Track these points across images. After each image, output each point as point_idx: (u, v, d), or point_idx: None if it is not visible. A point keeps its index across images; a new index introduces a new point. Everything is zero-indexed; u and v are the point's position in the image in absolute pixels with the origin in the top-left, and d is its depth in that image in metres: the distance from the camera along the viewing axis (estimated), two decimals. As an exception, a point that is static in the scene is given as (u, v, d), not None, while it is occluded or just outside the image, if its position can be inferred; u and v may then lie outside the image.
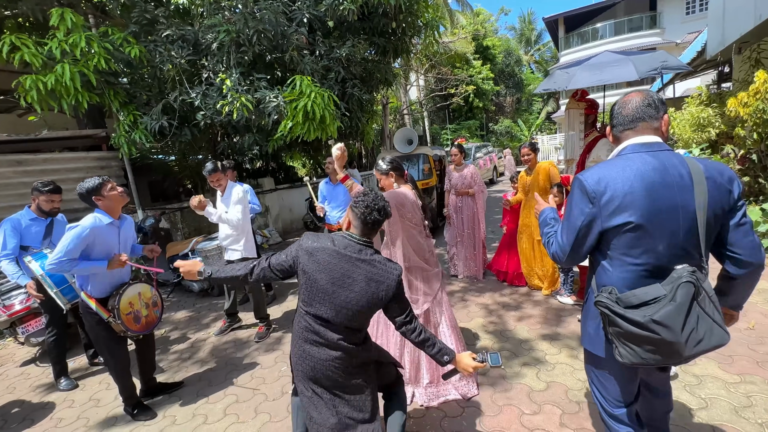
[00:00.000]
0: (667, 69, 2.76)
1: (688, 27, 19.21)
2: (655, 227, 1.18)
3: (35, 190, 2.98)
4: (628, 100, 1.33)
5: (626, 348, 1.19)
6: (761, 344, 2.57)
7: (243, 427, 2.37)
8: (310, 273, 1.52)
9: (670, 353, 1.15)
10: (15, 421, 2.72)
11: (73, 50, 4.76)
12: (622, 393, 1.38)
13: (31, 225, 3.01)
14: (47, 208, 3.02)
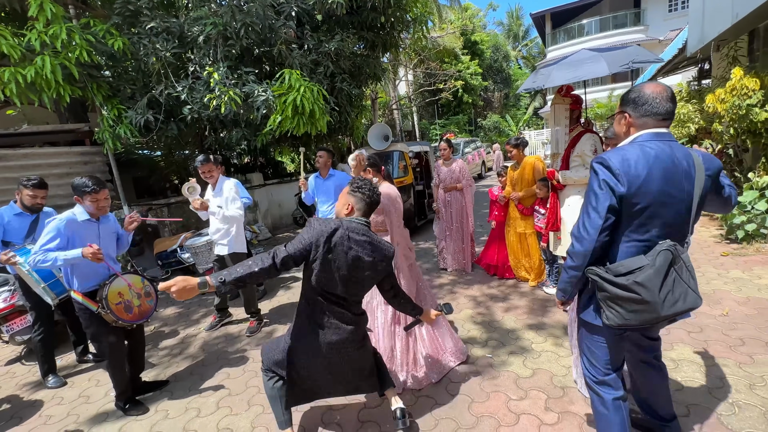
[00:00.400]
0: (637, 63, 2.85)
1: (671, 24, 19.59)
2: (664, 209, 1.33)
3: (20, 184, 2.93)
4: (657, 92, 1.40)
5: (612, 310, 1.36)
6: (734, 330, 2.70)
7: (236, 419, 2.39)
8: (329, 256, 1.65)
9: (649, 312, 1.30)
10: (2, 419, 2.69)
11: (54, 42, 4.64)
12: (610, 358, 1.53)
13: (14, 220, 2.94)
14: (29, 203, 2.96)
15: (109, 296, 2.33)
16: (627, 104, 1.46)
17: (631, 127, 1.46)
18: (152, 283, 2.65)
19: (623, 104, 1.49)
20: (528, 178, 3.83)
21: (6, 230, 2.90)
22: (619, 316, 1.34)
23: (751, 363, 2.32)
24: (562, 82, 2.92)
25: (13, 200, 3.01)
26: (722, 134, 4.79)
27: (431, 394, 2.40)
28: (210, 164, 3.44)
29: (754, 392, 2.08)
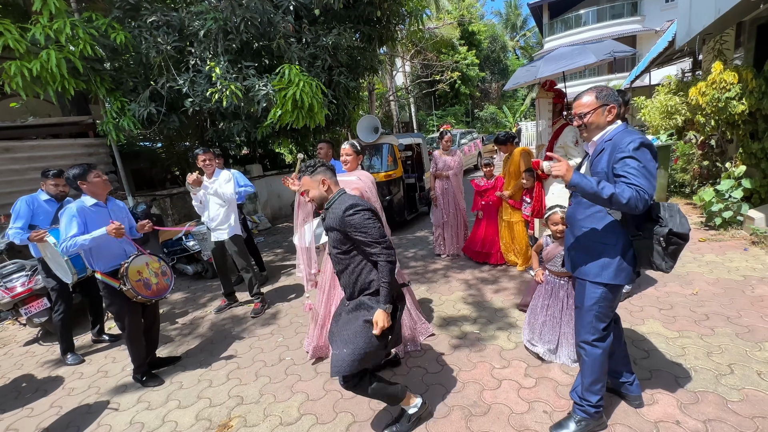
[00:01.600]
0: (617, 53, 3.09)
1: (668, 15, 19.59)
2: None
3: (42, 176, 3.17)
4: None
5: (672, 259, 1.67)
6: (701, 307, 2.94)
7: (245, 388, 2.62)
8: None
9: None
10: (28, 392, 2.92)
11: (58, 36, 4.76)
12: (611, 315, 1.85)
13: (43, 204, 3.18)
14: (54, 192, 3.21)
15: (129, 273, 2.54)
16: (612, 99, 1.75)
17: (615, 117, 1.76)
18: (167, 263, 2.87)
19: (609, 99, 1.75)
20: (515, 168, 4.04)
21: (34, 214, 3.13)
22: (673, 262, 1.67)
23: (711, 335, 2.57)
24: (551, 73, 3.12)
25: (40, 189, 3.24)
26: (704, 126, 5.00)
27: (422, 364, 2.64)
28: (210, 153, 3.65)
29: (711, 359, 2.33)
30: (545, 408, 2.10)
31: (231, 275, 4.14)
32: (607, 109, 1.75)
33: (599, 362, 1.83)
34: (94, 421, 2.47)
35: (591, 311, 1.82)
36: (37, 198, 3.18)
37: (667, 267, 1.68)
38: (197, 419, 2.36)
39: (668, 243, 1.63)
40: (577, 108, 1.82)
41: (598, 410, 1.86)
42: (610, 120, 1.76)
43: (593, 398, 1.85)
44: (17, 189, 5.00)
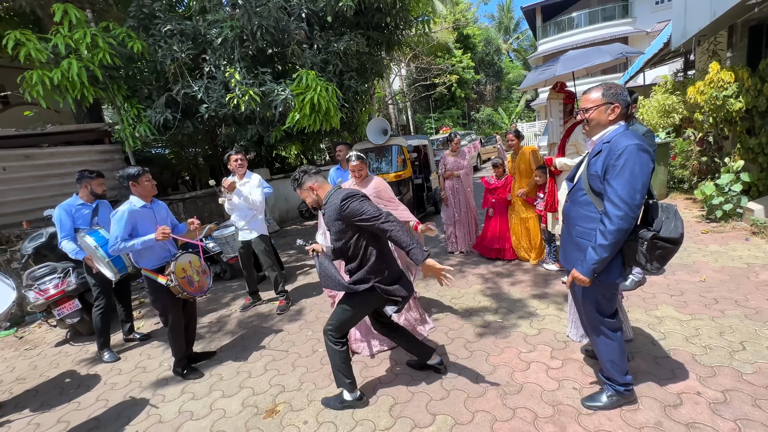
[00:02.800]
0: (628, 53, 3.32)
1: (658, 16, 20.10)
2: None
3: (85, 178, 3.34)
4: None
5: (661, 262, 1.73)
6: (709, 292, 3.12)
7: (284, 378, 2.76)
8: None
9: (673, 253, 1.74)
10: (71, 388, 3.03)
11: (78, 45, 4.89)
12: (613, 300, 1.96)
13: (80, 209, 3.36)
14: (100, 191, 3.44)
15: (175, 271, 2.67)
16: (618, 98, 1.77)
17: (618, 117, 1.78)
18: (207, 263, 3.01)
19: (614, 98, 1.77)
20: (525, 167, 4.22)
21: (74, 218, 3.31)
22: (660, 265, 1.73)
23: (722, 317, 2.75)
24: (568, 71, 3.32)
25: (75, 193, 3.42)
26: (702, 123, 5.22)
27: (452, 350, 2.79)
28: (242, 154, 3.81)
29: (723, 337, 2.50)
30: (574, 385, 2.25)
31: (255, 274, 4.27)
32: (610, 108, 1.77)
33: (613, 349, 1.95)
34: (142, 411, 2.59)
35: (590, 304, 1.93)
36: (72, 204, 3.35)
37: (652, 269, 1.73)
38: (244, 406, 2.49)
39: (653, 247, 1.69)
40: (583, 102, 1.87)
41: (627, 388, 1.99)
42: (612, 119, 1.78)
43: (620, 379, 1.98)
44: (38, 195, 5.11)
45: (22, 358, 3.74)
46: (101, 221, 3.38)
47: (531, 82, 3.80)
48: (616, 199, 1.66)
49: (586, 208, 1.85)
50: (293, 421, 2.29)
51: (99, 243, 3.13)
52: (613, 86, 1.81)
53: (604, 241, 1.68)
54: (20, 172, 4.99)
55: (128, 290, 3.77)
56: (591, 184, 1.82)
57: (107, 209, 3.51)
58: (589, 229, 1.83)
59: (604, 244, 1.69)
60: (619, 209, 1.65)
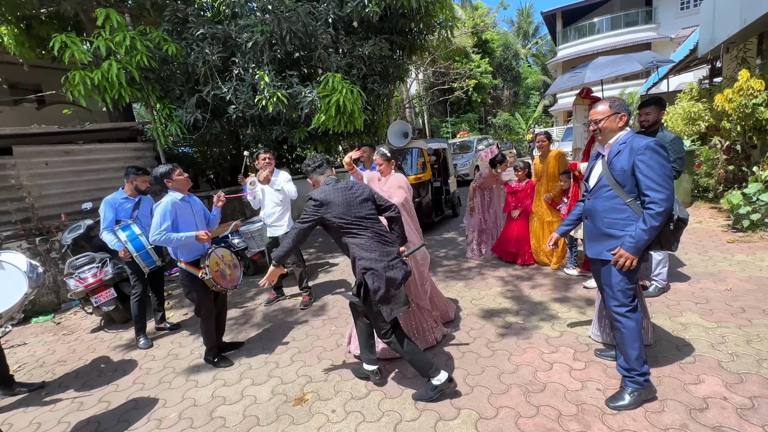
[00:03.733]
0: (659, 62, 3.35)
1: (683, 22, 19.69)
2: None
3: (131, 174, 3.57)
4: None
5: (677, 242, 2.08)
6: (736, 301, 3.10)
7: (311, 369, 2.86)
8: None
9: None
10: (109, 371, 3.20)
11: (118, 48, 5.14)
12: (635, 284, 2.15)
13: (123, 203, 3.57)
14: (144, 188, 3.66)
15: (210, 264, 2.81)
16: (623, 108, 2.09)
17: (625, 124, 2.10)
18: (239, 257, 3.16)
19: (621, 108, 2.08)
20: (553, 170, 4.24)
21: (117, 211, 3.52)
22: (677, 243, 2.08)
23: (749, 325, 2.73)
24: (597, 78, 3.38)
25: (121, 187, 3.65)
26: (730, 131, 5.15)
27: (474, 349, 2.84)
28: (270, 152, 3.96)
29: (751, 346, 2.49)
30: (598, 386, 2.29)
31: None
32: (618, 116, 2.08)
33: (635, 332, 2.07)
34: (178, 395, 2.73)
35: (618, 287, 2.09)
36: (117, 198, 3.57)
37: (674, 248, 2.09)
38: (273, 394, 2.60)
39: (676, 228, 2.03)
40: (593, 115, 2.16)
41: (646, 378, 2.07)
42: (621, 126, 2.09)
43: (639, 367, 2.06)
44: (76, 189, 5.38)
45: (60, 342, 3.95)
46: (141, 215, 3.58)
47: (559, 87, 3.85)
48: (655, 185, 1.92)
49: (613, 201, 2.08)
50: (321, 409, 2.38)
51: (130, 238, 3.37)
52: (616, 99, 2.15)
53: (654, 222, 1.92)
54: (61, 167, 5.26)
55: (161, 281, 3.96)
56: (617, 179, 2.06)
57: (148, 204, 3.71)
58: (618, 219, 2.07)
59: (654, 225, 1.92)
60: (661, 192, 1.91)
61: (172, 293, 5.10)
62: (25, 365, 3.51)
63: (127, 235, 3.35)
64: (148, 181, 3.63)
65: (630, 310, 2.08)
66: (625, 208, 2.04)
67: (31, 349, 3.85)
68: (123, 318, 4.18)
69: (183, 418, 2.47)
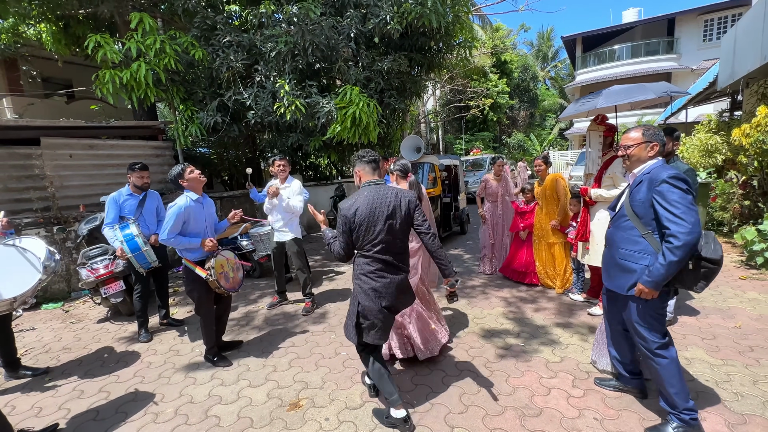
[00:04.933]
0: (674, 93, 3.36)
1: (705, 54, 19.61)
2: None
3: (129, 170, 3.60)
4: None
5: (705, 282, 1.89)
6: (744, 339, 3.02)
7: (308, 375, 2.87)
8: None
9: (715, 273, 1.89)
10: (111, 362, 3.26)
11: (148, 51, 5.38)
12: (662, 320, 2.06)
13: (127, 199, 3.62)
14: (140, 184, 3.64)
15: (215, 266, 2.88)
16: (656, 138, 2.03)
17: (657, 154, 2.04)
18: (246, 259, 3.22)
19: (653, 138, 2.03)
20: (550, 193, 4.25)
21: (122, 207, 3.57)
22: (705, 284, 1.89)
23: (757, 365, 2.66)
24: (610, 104, 3.40)
25: (127, 184, 3.67)
26: (747, 166, 5.09)
27: (472, 368, 2.82)
28: (286, 160, 4.04)
29: (757, 386, 2.43)
30: (595, 416, 2.25)
31: (284, 275, 4.46)
32: (650, 146, 2.03)
33: (671, 369, 1.98)
34: (176, 390, 2.76)
35: (640, 323, 2.02)
36: (122, 194, 3.62)
37: (698, 288, 1.90)
38: (269, 397, 2.62)
39: (696, 267, 1.87)
40: (624, 140, 2.13)
41: (692, 417, 1.98)
42: (651, 155, 2.04)
43: (682, 404, 1.97)
44: (96, 182, 5.57)
45: (67, 330, 4.04)
46: (145, 211, 3.63)
47: (571, 113, 3.88)
48: (674, 218, 1.83)
49: (629, 232, 2.05)
50: (315, 416, 2.39)
51: (126, 238, 3.34)
52: (651, 128, 2.09)
53: (673, 257, 1.82)
54: (84, 160, 5.46)
55: (165, 279, 3.99)
56: (635, 210, 2.02)
57: (154, 200, 3.76)
58: (632, 251, 2.03)
59: (673, 260, 1.82)
60: (680, 225, 1.81)
61: (178, 290, 5.19)
62: (32, 350, 3.60)
63: (124, 234, 3.35)
64: (146, 177, 3.64)
65: (660, 346, 1.99)
66: (640, 241, 2.00)
67: (39, 335, 3.95)
68: (129, 310, 4.26)
69: (179, 414, 2.50)
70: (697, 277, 1.90)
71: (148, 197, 3.73)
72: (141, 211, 3.65)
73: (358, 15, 5.73)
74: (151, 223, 3.75)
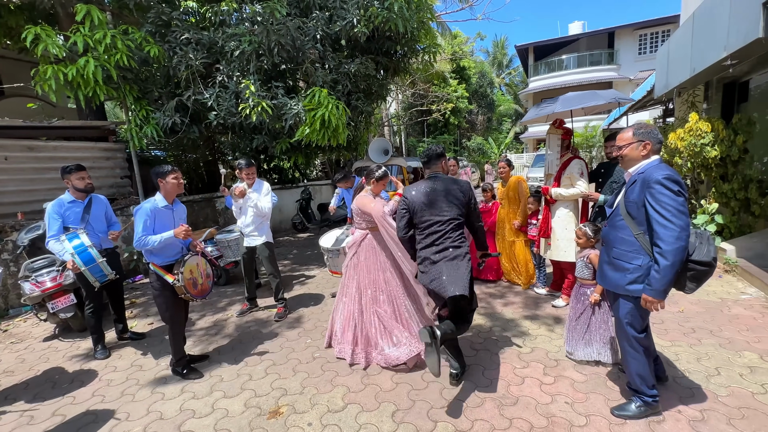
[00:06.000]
0: (621, 100, 3.70)
1: (640, 65, 21.59)
2: None
3: (64, 174, 3.23)
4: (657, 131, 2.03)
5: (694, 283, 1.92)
6: (687, 322, 3.36)
7: (286, 381, 2.81)
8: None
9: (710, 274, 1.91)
10: (64, 383, 2.99)
11: (96, 45, 5.00)
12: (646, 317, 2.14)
13: (70, 207, 3.25)
14: (82, 186, 3.26)
15: (184, 271, 2.74)
16: (649, 137, 2.00)
17: (651, 153, 2.01)
18: (212, 266, 3.08)
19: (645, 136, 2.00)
20: (513, 194, 4.48)
21: (65, 217, 3.21)
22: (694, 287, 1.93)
23: (699, 344, 2.97)
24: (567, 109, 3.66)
25: (67, 190, 3.30)
26: (681, 167, 5.65)
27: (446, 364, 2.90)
28: (253, 168, 3.92)
29: (700, 363, 2.71)
30: (566, 400, 2.40)
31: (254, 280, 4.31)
32: (642, 144, 2.00)
33: (641, 363, 2.14)
34: (142, 407, 2.59)
35: (625, 320, 2.13)
36: (63, 202, 3.23)
37: (687, 290, 1.95)
38: (246, 407, 2.53)
39: (685, 270, 1.87)
40: (618, 141, 2.12)
41: (654, 399, 2.16)
42: (644, 154, 2.00)
43: (647, 391, 2.15)
44: (37, 187, 5.08)
45: (8, 351, 3.65)
46: (93, 219, 3.30)
47: (532, 116, 4.13)
48: (663, 220, 1.83)
49: (623, 231, 2.07)
50: (297, 422, 2.34)
51: (77, 250, 3.01)
52: (644, 126, 2.06)
53: (665, 261, 1.81)
54: (22, 163, 4.96)
55: (120, 290, 3.68)
56: (628, 210, 2.04)
57: (102, 205, 3.43)
58: (624, 251, 2.06)
59: (666, 265, 1.82)
60: (668, 229, 1.81)
61: (135, 302, 4.85)
62: (-35, 375, 3.21)
63: (75, 246, 3.02)
64: (86, 177, 3.27)
65: (639, 339, 2.12)
66: (633, 241, 2.00)
67: (-28, 358, 3.53)
68: (81, 326, 3.92)
69: (148, 431, 2.34)
70: (683, 278, 1.91)
71: (94, 202, 3.37)
72: (88, 218, 3.29)
73: (323, 17, 5.70)
74: (101, 231, 3.40)
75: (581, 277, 2.83)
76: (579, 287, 2.84)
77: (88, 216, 3.32)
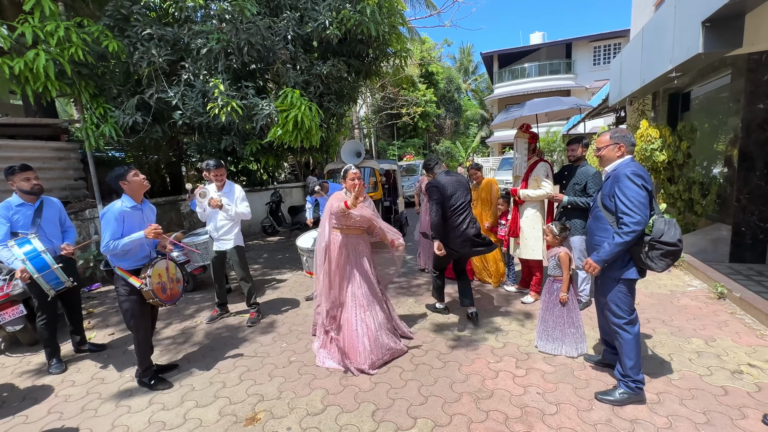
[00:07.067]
0: (582, 106, 3.97)
1: (595, 75, 23.03)
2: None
3: (7, 175, 2.98)
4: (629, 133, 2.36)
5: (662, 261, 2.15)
6: (642, 313, 3.61)
7: (262, 387, 2.74)
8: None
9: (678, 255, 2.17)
10: (14, 401, 2.75)
11: (48, 38, 4.67)
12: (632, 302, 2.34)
13: (18, 210, 2.99)
14: (28, 188, 3.00)
15: (152, 275, 2.61)
16: (623, 140, 2.30)
17: (624, 153, 2.31)
18: (182, 271, 2.95)
19: (620, 140, 2.30)
20: (486, 196, 4.65)
21: (13, 222, 2.96)
22: (665, 264, 2.15)
23: (654, 334, 3.21)
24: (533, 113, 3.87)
25: (14, 192, 3.03)
26: (634, 170, 6.09)
27: (426, 361, 2.96)
28: (222, 168, 3.80)
29: (655, 350, 2.94)
30: (538, 390, 2.52)
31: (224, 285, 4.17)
32: (617, 146, 2.32)
33: (632, 343, 2.29)
34: (106, 423, 2.44)
35: (613, 301, 2.32)
36: (10, 205, 2.97)
37: (658, 267, 2.18)
38: (221, 415, 2.45)
39: (652, 248, 2.17)
40: (597, 143, 2.44)
41: (639, 386, 2.30)
42: (619, 155, 2.32)
43: (634, 375, 2.29)
44: (-22, 190, 4.63)
45: (-55, 370, 3.30)
46: (45, 222, 3.06)
47: (500, 120, 4.31)
48: (628, 210, 2.14)
49: (601, 221, 2.35)
50: (276, 427, 2.30)
51: (29, 256, 2.80)
52: (619, 131, 2.36)
53: (620, 239, 2.15)
54: (-41, 164, 4.52)
55: (77, 300, 3.45)
56: (604, 202, 2.34)
57: (55, 208, 3.19)
58: (603, 237, 2.32)
59: (620, 242, 2.15)
60: (632, 216, 2.12)
61: (93, 311, 4.55)
62: None
63: (26, 251, 2.80)
64: (33, 177, 3.01)
65: (627, 322, 2.30)
66: (609, 228, 2.29)
67: None
68: (31, 339, 3.63)
69: (114, 447, 2.21)
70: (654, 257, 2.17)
71: (46, 205, 3.12)
72: (39, 222, 3.04)
73: (294, 17, 5.64)
74: (55, 236, 3.14)
75: (553, 274, 2.99)
76: (552, 282, 3.00)
77: (39, 220, 3.07)
